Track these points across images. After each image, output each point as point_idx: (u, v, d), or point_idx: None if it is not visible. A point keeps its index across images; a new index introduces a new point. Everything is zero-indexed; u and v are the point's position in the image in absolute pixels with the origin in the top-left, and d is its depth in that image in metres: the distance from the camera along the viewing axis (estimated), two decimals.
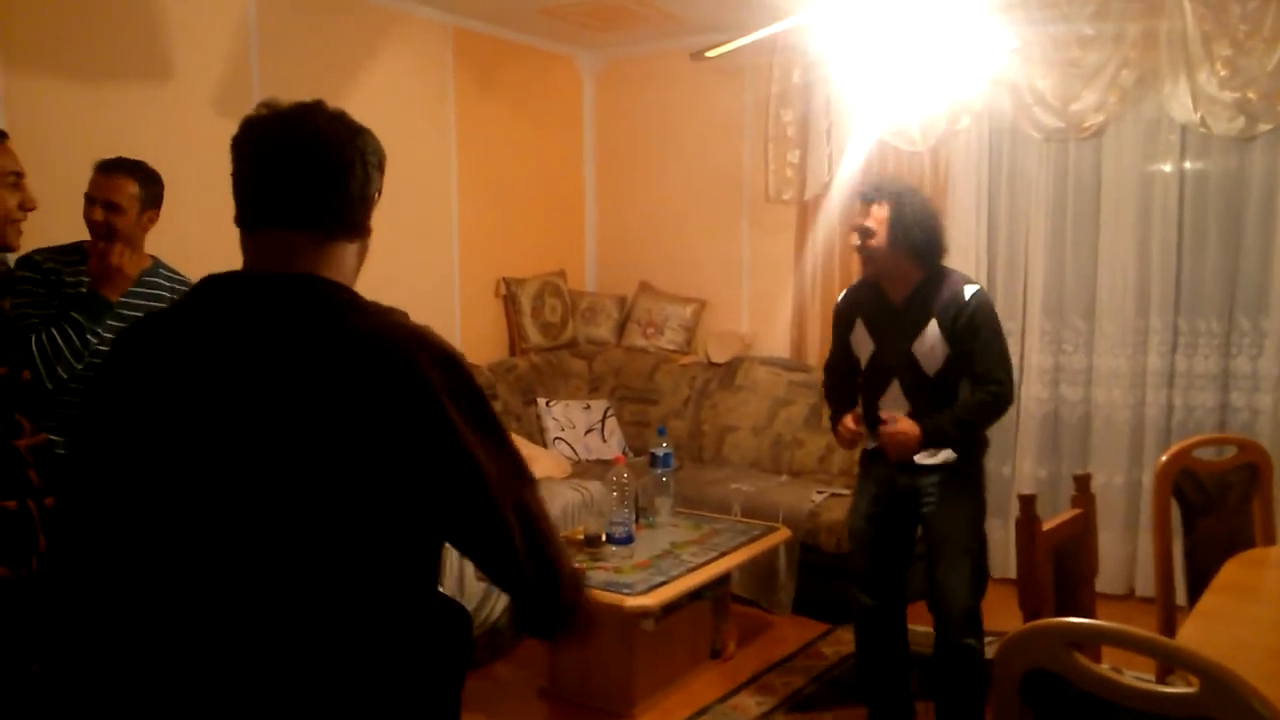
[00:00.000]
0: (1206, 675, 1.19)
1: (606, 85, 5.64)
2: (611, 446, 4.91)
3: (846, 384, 3.08)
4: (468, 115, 4.89)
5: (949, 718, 2.87)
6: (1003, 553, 4.36)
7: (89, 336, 2.48)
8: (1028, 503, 2.12)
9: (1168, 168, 4.14)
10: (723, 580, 3.60)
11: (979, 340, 2.76)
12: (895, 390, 2.87)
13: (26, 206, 2.09)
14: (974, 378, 2.79)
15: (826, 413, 4.68)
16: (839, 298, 3.11)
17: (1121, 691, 1.27)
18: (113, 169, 2.62)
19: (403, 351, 1.26)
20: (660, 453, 3.79)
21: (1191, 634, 1.93)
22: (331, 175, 1.34)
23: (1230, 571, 2.32)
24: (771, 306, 5.12)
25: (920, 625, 3.11)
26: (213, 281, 1.38)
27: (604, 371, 5.27)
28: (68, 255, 2.61)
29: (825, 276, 4.86)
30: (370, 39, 4.40)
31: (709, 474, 4.55)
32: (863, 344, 2.95)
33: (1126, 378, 4.27)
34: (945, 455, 2.84)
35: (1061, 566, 2.22)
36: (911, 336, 2.82)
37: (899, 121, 4.54)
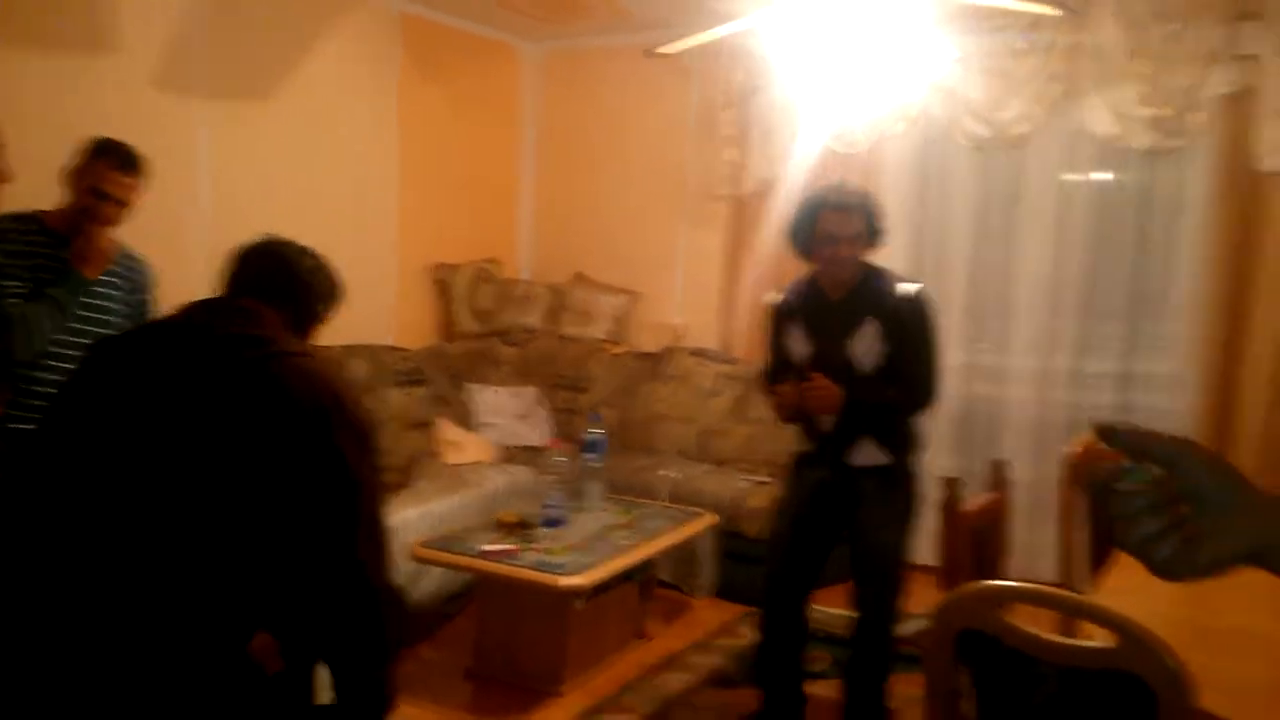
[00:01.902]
0: (1124, 631, 1.30)
1: (549, 77, 5.66)
2: (541, 433, 4.94)
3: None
4: (410, 100, 4.87)
5: (856, 701, 2.95)
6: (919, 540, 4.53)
7: (68, 314, 2.51)
8: (951, 484, 2.24)
9: (1084, 178, 4.35)
10: (649, 563, 3.67)
11: (920, 340, 2.81)
12: None
13: (4, 179, 2.06)
14: (905, 369, 2.82)
15: (760, 402, 4.79)
16: (776, 300, 3.02)
17: (1046, 647, 1.37)
18: (128, 167, 2.60)
19: (316, 401, 1.52)
20: (593, 438, 3.84)
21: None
22: (301, 281, 1.80)
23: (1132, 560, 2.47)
24: (702, 300, 5.20)
25: (833, 608, 3.24)
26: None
27: (535, 359, 5.29)
28: (26, 224, 2.58)
29: (755, 271, 4.97)
30: (318, 20, 4.36)
31: (637, 461, 4.61)
32: (799, 346, 2.91)
33: (1035, 376, 4.48)
34: (880, 458, 2.87)
35: (979, 546, 2.34)
36: (847, 335, 2.83)
37: (836, 124, 4.66)
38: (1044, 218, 4.44)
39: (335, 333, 4.38)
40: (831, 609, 3.58)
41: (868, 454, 2.88)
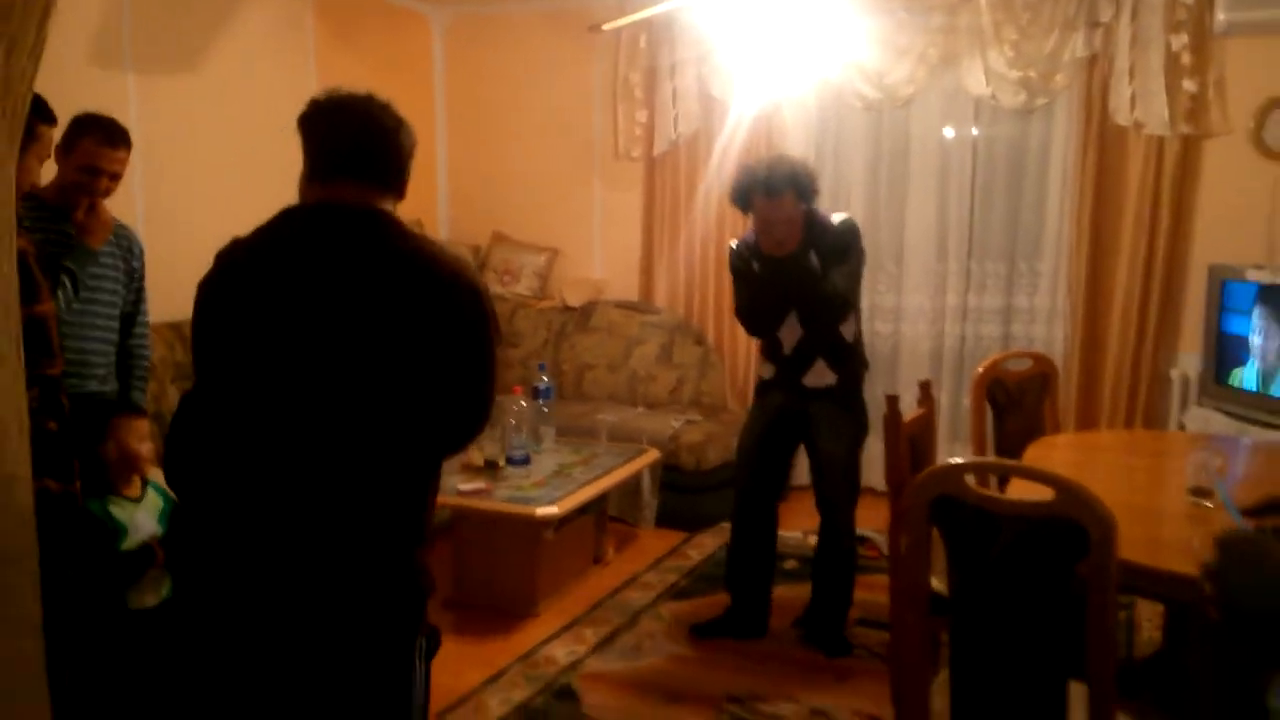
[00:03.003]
0: (1060, 485, 1.73)
1: (456, 42, 5.85)
2: None
3: None
4: (327, 68, 4.99)
5: (826, 603, 3.40)
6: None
7: (81, 285, 2.64)
8: (893, 401, 2.66)
9: (964, 134, 4.88)
10: (604, 496, 4.03)
11: (844, 254, 3.19)
12: (792, 320, 3.27)
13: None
14: (829, 273, 3.20)
15: (685, 347, 5.16)
16: (732, 250, 3.37)
17: (1002, 505, 1.80)
18: (116, 142, 2.72)
19: (451, 271, 1.68)
20: (542, 385, 4.17)
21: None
22: (392, 147, 1.75)
23: (1032, 453, 2.96)
24: (621, 254, 5.54)
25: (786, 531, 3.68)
26: (295, 211, 1.74)
27: None
28: (29, 202, 2.69)
29: (672, 228, 5.34)
30: None
31: (574, 407, 4.95)
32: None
33: (928, 313, 5.02)
34: (829, 378, 3.29)
35: (913, 449, 2.79)
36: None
37: (740, 86, 5.04)
38: (929, 169, 4.95)
39: None
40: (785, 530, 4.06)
41: (819, 375, 3.30)
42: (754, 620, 3.50)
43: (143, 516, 2.65)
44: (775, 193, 3.13)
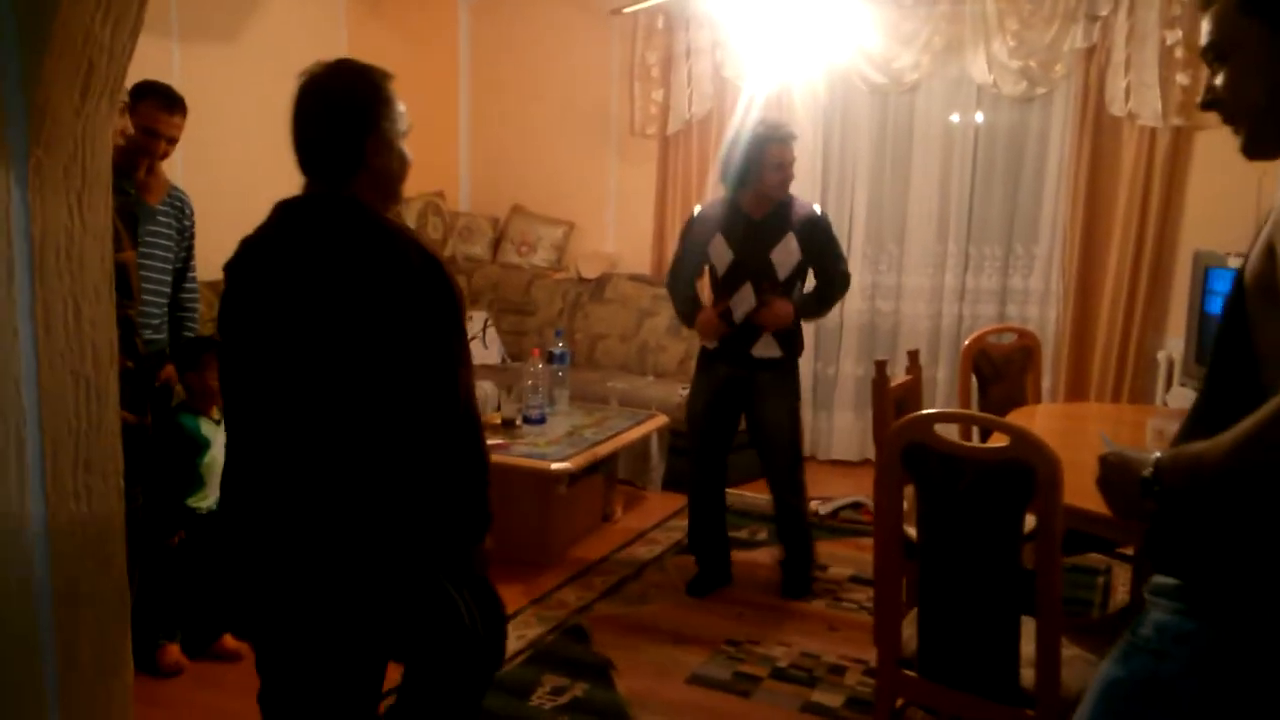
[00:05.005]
0: (1014, 433, 1.97)
1: (480, 18, 6.07)
2: (493, 353, 5.48)
3: (690, 286, 3.70)
4: (357, 39, 5.23)
5: (793, 560, 3.69)
6: (826, 437, 5.33)
7: (140, 239, 2.90)
8: (880, 366, 2.89)
9: (966, 120, 5.07)
10: (614, 457, 4.28)
11: (831, 242, 3.56)
12: (746, 290, 3.51)
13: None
14: (827, 268, 3.56)
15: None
16: (693, 214, 3.69)
17: (964, 450, 2.03)
18: (174, 107, 2.98)
19: (433, 259, 1.79)
20: (557, 351, 4.41)
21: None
22: (329, 143, 1.86)
23: (1012, 419, 3.19)
24: (635, 229, 5.77)
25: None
26: (286, 203, 1.89)
27: (483, 286, 5.79)
28: None
29: (684, 203, 5.55)
30: None
31: (586, 375, 5.19)
32: (721, 254, 3.55)
33: (927, 293, 5.23)
34: (775, 351, 3.55)
35: (900, 412, 3.02)
36: (770, 245, 3.50)
37: (753, 69, 5.24)
38: (932, 153, 5.15)
39: None
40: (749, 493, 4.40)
41: (766, 346, 3.56)
42: (721, 572, 3.76)
43: (222, 437, 2.93)
44: (788, 138, 3.50)
